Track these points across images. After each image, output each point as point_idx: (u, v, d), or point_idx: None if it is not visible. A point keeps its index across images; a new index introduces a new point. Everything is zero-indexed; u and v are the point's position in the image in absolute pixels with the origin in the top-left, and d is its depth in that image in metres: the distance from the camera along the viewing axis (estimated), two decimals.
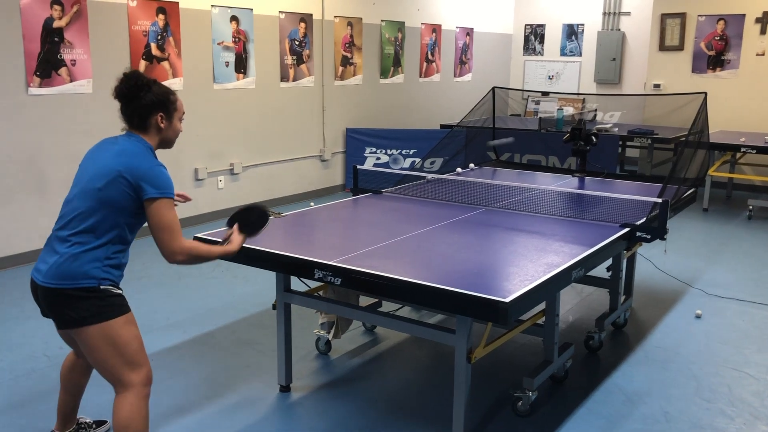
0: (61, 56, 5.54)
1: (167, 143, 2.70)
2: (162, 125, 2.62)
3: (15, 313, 4.49)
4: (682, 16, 8.99)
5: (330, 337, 3.84)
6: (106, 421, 3.09)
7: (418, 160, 8.21)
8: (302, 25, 7.69)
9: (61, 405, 2.90)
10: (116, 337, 2.49)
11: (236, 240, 2.79)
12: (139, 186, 2.47)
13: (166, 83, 6.35)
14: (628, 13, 10.44)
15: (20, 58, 5.31)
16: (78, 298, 2.45)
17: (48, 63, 5.46)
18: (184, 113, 2.74)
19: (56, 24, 5.49)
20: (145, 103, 2.58)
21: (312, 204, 4.13)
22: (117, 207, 2.49)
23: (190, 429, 3.14)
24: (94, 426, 3.05)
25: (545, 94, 10.39)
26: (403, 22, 9.19)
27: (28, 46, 5.33)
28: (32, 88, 5.40)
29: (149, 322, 4.35)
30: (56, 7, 5.46)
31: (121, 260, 2.58)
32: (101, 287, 2.48)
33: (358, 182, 4.40)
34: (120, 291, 2.56)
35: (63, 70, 5.57)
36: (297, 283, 3.38)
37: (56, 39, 5.50)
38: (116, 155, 2.54)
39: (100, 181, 2.49)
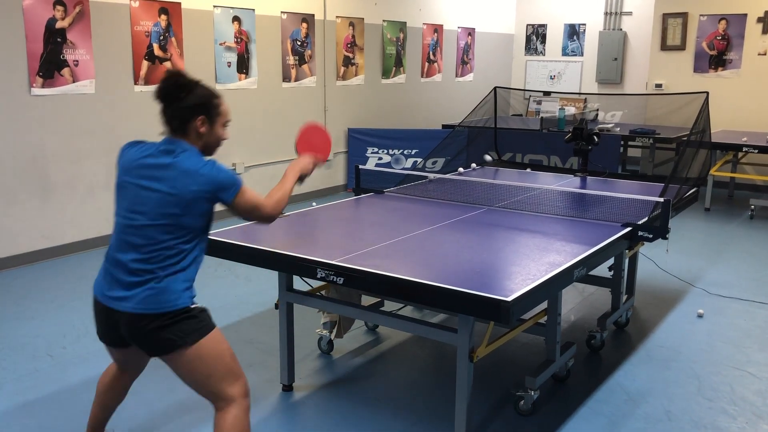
0: (63, 57, 5.55)
1: (208, 150, 2.50)
2: (202, 130, 2.43)
3: (18, 313, 4.51)
4: (683, 15, 8.99)
5: (332, 336, 3.85)
6: None
7: (419, 160, 8.21)
8: (304, 25, 7.70)
9: (92, 417, 2.79)
10: (210, 353, 2.38)
11: (300, 161, 2.80)
12: (220, 193, 2.40)
13: None
14: (629, 13, 10.43)
15: (23, 58, 5.32)
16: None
17: (51, 63, 5.48)
18: (229, 119, 2.55)
19: (59, 24, 5.50)
20: (185, 105, 2.40)
21: (314, 204, 4.14)
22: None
23: (193, 427, 3.14)
24: None
25: (547, 93, 10.39)
26: (405, 23, 9.20)
27: (30, 47, 5.34)
28: (35, 89, 5.41)
29: None
30: (59, 7, 5.47)
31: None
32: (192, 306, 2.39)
33: (360, 182, 4.41)
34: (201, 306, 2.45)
35: (65, 71, 5.58)
36: (299, 283, 3.39)
37: (59, 39, 5.51)
38: (183, 175, 2.35)
39: (176, 207, 2.34)
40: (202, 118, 2.42)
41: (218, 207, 2.49)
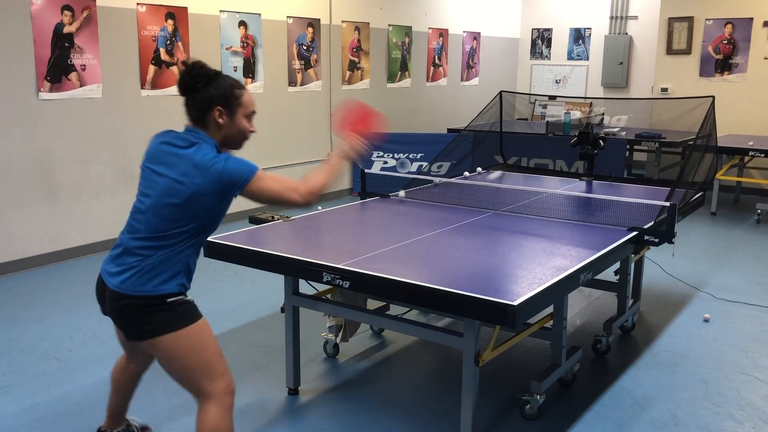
0: (71, 61, 5.58)
1: (231, 143, 2.49)
2: (221, 121, 2.41)
3: (25, 316, 4.52)
4: (689, 19, 8.98)
5: (338, 340, 3.85)
6: (150, 429, 3.02)
7: (425, 164, 8.21)
8: (310, 29, 7.73)
9: (111, 404, 2.84)
10: (189, 345, 2.38)
11: (344, 150, 2.68)
12: (228, 189, 2.37)
13: (175, 88, 6.40)
14: (635, 17, 10.43)
15: (31, 63, 5.35)
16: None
17: (58, 68, 5.51)
18: (254, 111, 2.51)
19: (66, 29, 5.53)
20: (204, 95, 2.39)
21: (320, 208, 4.15)
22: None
23: None
24: (140, 430, 2.96)
25: (552, 98, 10.38)
26: (410, 27, 9.22)
27: (38, 51, 5.38)
28: (43, 93, 5.45)
29: None
30: (66, 12, 5.51)
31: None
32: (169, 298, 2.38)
33: (365, 186, 4.42)
34: (188, 298, 2.46)
35: (73, 75, 5.61)
36: (305, 287, 3.40)
37: (66, 44, 5.54)
38: (192, 167, 2.35)
39: (179, 197, 2.34)
40: (220, 109, 2.40)
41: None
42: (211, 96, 2.39)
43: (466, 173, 4.99)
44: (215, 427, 2.40)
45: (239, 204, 7.35)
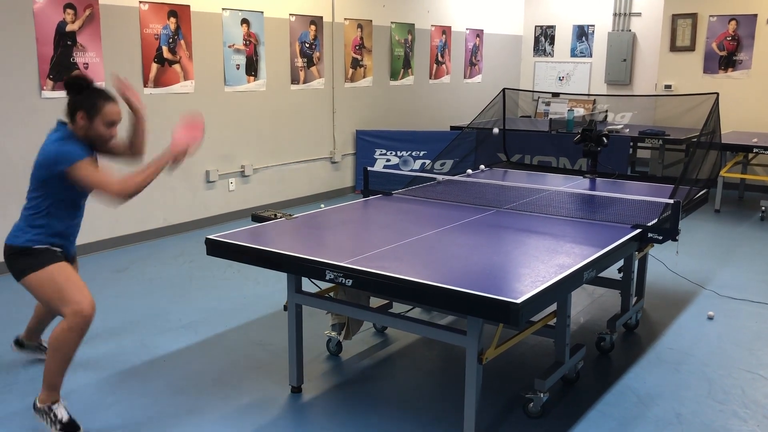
0: (73, 60, 5.59)
1: (92, 142, 3.13)
2: (81, 123, 3.07)
3: (27, 314, 4.52)
4: (693, 16, 8.95)
5: (341, 338, 3.85)
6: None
7: (428, 161, 8.21)
8: (312, 27, 7.72)
9: (30, 323, 3.76)
10: (42, 283, 3.10)
11: (168, 154, 3.11)
12: (52, 169, 3.00)
13: (177, 86, 6.42)
14: (638, 14, 10.40)
15: (34, 61, 5.36)
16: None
17: (61, 66, 5.51)
18: (112, 120, 3.11)
19: (69, 28, 5.53)
20: (72, 100, 3.09)
21: (322, 206, 4.15)
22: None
23: (201, 430, 3.15)
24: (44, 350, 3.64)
25: (556, 95, 10.37)
26: (413, 24, 9.20)
27: (41, 50, 5.38)
28: (45, 92, 5.45)
29: (161, 323, 4.37)
30: (69, 11, 5.51)
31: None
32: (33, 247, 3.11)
33: (368, 184, 4.41)
34: (45, 247, 3.12)
35: (76, 74, 5.61)
36: (308, 285, 3.39)
37: (69, 42, 5.54)
38: (40, 148, 3.07)
39: (33, 172, 3.11)
40: (81, 113, 3.06)
41: None
42: (77, 101, 3.07)
43: (469, 171, 4.98)
44: (56, 336, 3.00)
45: (241, 202, 7.39)
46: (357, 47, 8.37)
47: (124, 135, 3.41)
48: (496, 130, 5.34)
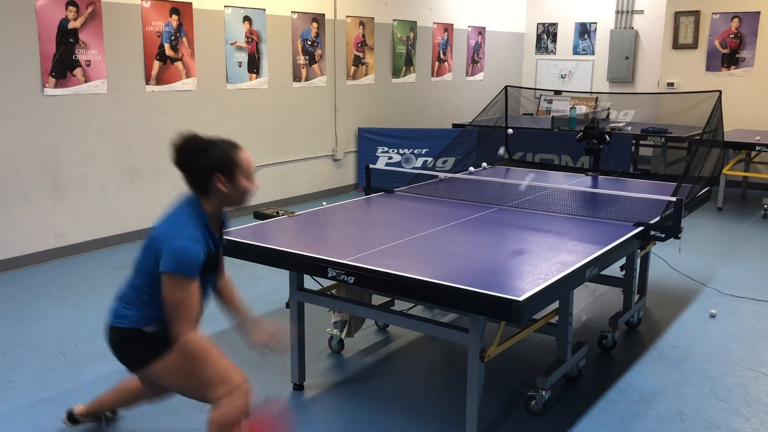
0: (75, 57, 5.59)
1: (236, 203, 2.53)
2: (224, 189, 2.44)
3: (31, 311, 4.54)
4: (695, 13, 8.93)
5: (343, 335, 3.85)
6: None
7: (430, 159, 8.20)
8: (314, 25, 7.71)
9: (102, 399, 3.04)
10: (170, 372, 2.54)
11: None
12: (158, 257, 2.39)
13: (179, 83, 6.42)
14: (641, 12, 10.38)
15: (36, 58, 5.36)
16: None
17: (63, 64, 5.51)
18: (252, 170, 2.52)
19: (71, 25, 5.53)
20: (201, 167, 2.42)
21: (324, 203, 4.15)
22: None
23: (203, 428, 3.15)
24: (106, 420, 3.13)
25: (558, 92, 10.35)
26: (415, 22, 9.19)
27: (43, 47, 5.38)
28: (47, 89, 5.45)
29: None
30: (71, 8, 5.51)
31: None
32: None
33: (370, 181, 4.41)
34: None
35: (78, 71, 5.61)
36: (310, 282, 3.39)
37: (71, 40, 5.54)
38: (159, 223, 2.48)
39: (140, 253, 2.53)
40: (218, 176, 2.43)
41: None
42: (209, 167, 2.42)
43: (471, 168, 4.97)
44: (219, 421, 2.49)
45: None
46: (359, 45, 8.36)
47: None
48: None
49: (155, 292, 2.44)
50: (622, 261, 4.10)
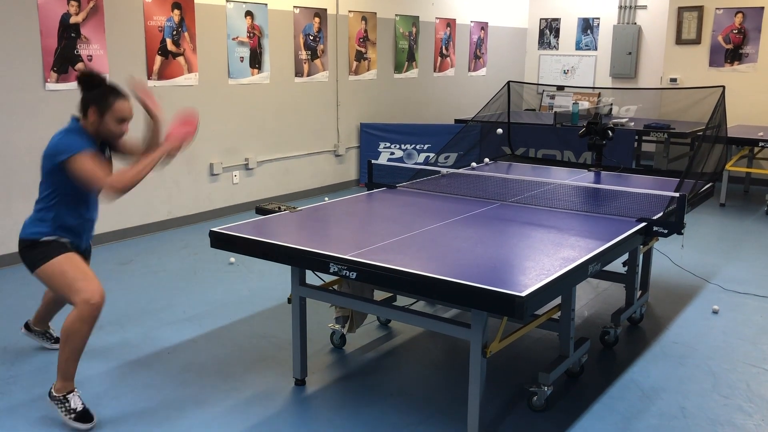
0: (77, 52, 5.58)
1: (103, 137, 3.18)
2: (92, 119, 3.11)
3: (33, 307, 4.53)
4: (699, 9, 8.90)
5: (345, 331, 3.85)
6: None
7: (432, 155, 8.19)
8: (316, 20, 7.70)
9: (39, 310, 3.84)
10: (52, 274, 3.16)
11: (163, 148, 3.20)
12: (54, 160, 3.05)
13: (181, 78, 6.41)
14: (644, 7, 10.35)
15: (38, 53, 5.35)
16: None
17: (65, 58, 5.50)
18: (123, 117, 3.14)
19: (73, 20, 5.52)
20: (85, 96, 3.14)
21: (326, 199, 4.14)
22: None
23: (205, 422, 3.16)
24: (54, 341, 3.87)
25: (560, 88, 10.31)
26: (418, 17, 9.17)
27: (45, 42, 5.37)
28: (49, 84, 5.44)
29: (166, 315, 4.38)
30: (73, 3, 5.50)
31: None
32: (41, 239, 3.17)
33: (372, 177, 4.41)
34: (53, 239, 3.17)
35: (80, 66, 5.60)
36: (312, 277, 3.39)
37: (73, 35, 5.54)
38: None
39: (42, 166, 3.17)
40: (93, 109, 3.10)
41: None
42: (90, 98, 3.12)
43: (474, 164, 4.96)
44: (67, 327, 3.05)
45: (245, 195, 7.39)
46: (361, 40, 8.34)
47: (140, 135, 3.43)
48: (500, 131, 5.34)
49: (61, 193, 3.12)
50: (625, 257, 4.10)
